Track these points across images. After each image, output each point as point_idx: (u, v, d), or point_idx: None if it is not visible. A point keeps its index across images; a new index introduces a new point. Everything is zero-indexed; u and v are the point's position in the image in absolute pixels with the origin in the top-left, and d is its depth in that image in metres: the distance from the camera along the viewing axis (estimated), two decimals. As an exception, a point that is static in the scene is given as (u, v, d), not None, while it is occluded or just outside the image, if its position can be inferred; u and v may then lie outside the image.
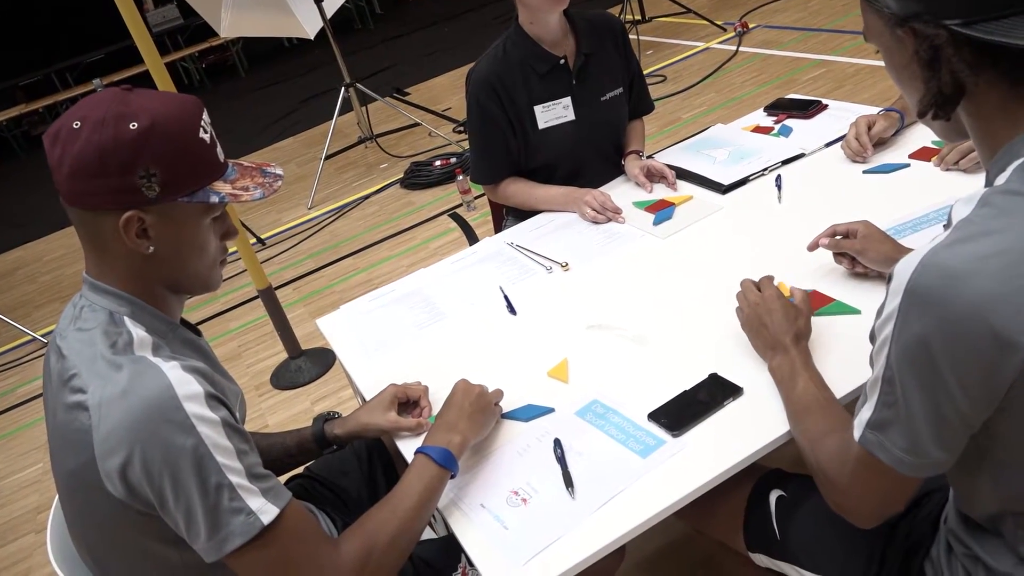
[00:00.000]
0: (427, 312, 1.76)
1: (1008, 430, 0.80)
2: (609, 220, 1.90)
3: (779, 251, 1.57)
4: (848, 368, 1.21)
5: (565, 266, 1.77)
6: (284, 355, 3.19)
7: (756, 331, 1.28)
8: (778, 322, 1.24)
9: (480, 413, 1.25)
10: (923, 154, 1.75)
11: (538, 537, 1.09)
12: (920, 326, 0.77)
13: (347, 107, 5.31)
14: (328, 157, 5.23)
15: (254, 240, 4.47)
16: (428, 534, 1.62)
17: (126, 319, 1.02)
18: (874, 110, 1.93)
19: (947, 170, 1.67)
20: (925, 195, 1.60)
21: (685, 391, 1.27)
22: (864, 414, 0.88)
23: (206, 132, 1.03)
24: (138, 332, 1.01)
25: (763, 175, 1.90)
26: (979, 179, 1.57)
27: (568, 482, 1.16)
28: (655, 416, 1.24)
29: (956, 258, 0.75)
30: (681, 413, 1.23)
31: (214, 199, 1.02)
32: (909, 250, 1.32)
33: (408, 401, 1.40)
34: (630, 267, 1.71)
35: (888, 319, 0.81)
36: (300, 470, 1.52)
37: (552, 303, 1.65)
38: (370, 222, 4.41)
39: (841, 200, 1.70)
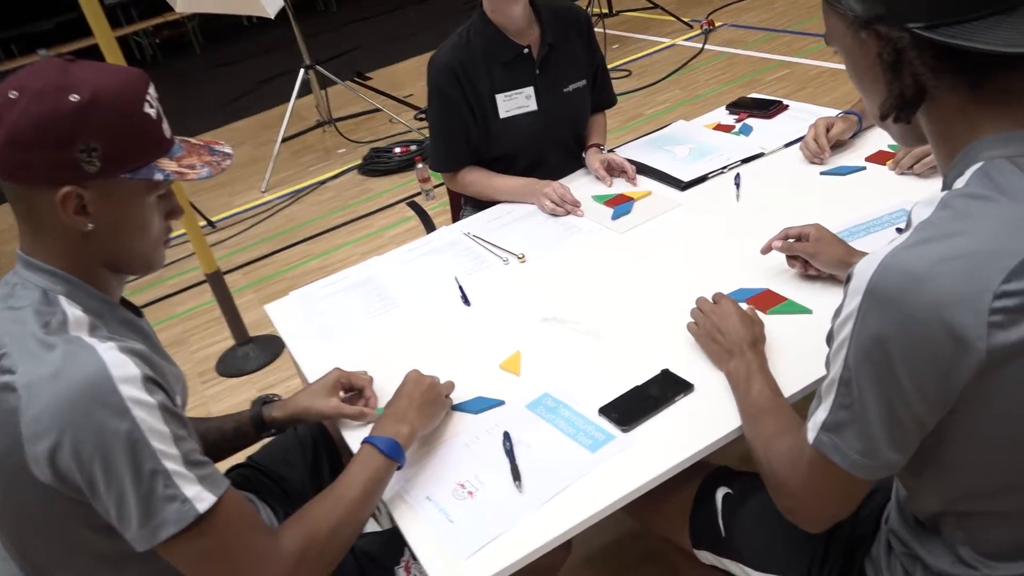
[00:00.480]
0: (380, 301, 1.73)
1: (957, 432, 0.80)
2: (568, 213, 1.89)
3: (735, 250, 1.57)
4: (799, 367, 1.21)
5: (522, 258, 1.76)
6: (231, 341, 3.13)
7: (713, 338, 1.28)
8: (735, 327, 1.24)
9: (430, 404, 1.23)
10: (879, 157, 1.77)
11: (484, 530, 1.08)
12: (879, 326, 0.77)
13: (306, 89, 5.22)
14: (285, 140, 5.14)
15: (204, 223, 4.37)
16: (372, 526, 1.59)
17: (61, 298, 0.97)
18: (834, 112, 1.95)
19: (902, 174, 1.69)
20: (879, 198, 1.62)
21: (637, 386, 1.27)
22: (819, 416, 0.88)
23: (152, 107, 0.99)
24: (74, 311, 0.96)
25: (723, 173, 1.91)
26: (933, 184, 1.59)
27: (516, 475, 1.14)
28: (606, 411, 1.23)
29: (917, 259, 0.75)
30: (632, 408, 1.23)
31: (158, 176, 0.98)
32: (860, 253, 1.34)
33: (352, 389, 1.37)
34: (587, 260, 1.70)
35: (847, 320, 0.81)
36: (242, 459, 1.49)
37: (507, 295, 1.64)
38: (326, 208, 4.34)
39: (798, 200, 1.71)
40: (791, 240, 1.43)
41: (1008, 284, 0.72)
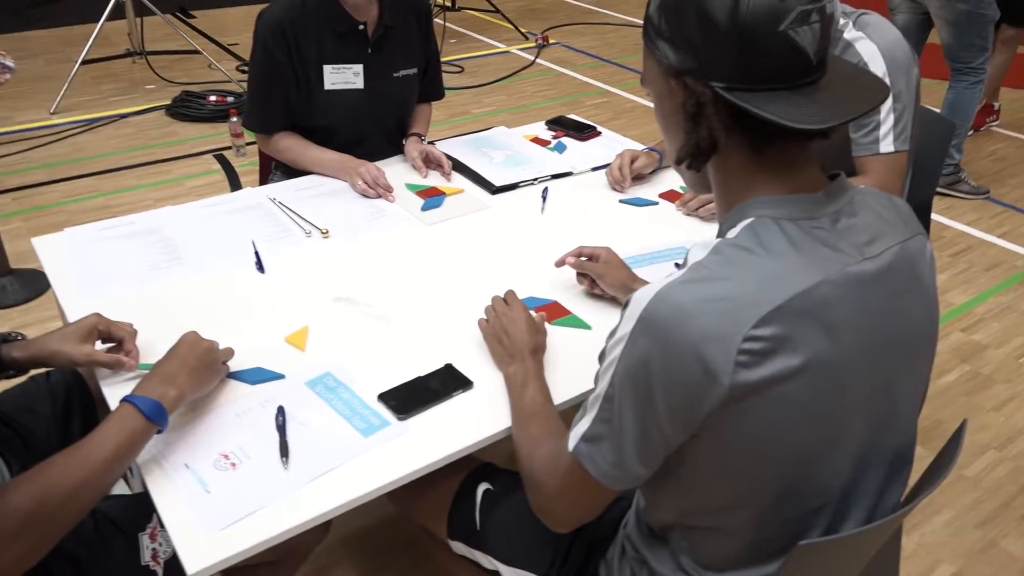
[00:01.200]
0: (165, 253, 1.64)
1: (695, 455, 0.89)
2: (379, 196, 1.89)
3: (532, 259, 1.65)
4: (572, 377, 1.29)
5: (325, 233, 1.73)
6: (-12, 270, 2.82)
7: (498, 339, 1.32)
8: (520, 332, 1.29)
9: (204, 369, 1.19)
10: (670, 196, 1.92)
11: (241, 504, 1.05)
12: (645, 350, 0.84)
13: (120, 14, 4.79)
14: (86, 62, 4.69)
15: (-24, 134, 3.89)
16: (121, 488, 1.51)
17: None
18: (640, 146, 2.09)
19: (688, 214, 1.84)
20: (665, 233, 1.76)
21: (419, 377, 1.29)
22: (581, 427, 0.95)
23: None
24: None
25: (532, 184, 1.98)
26: (711, 228, 1.75)
27: (284, 452, 1.13)
28: (385, 397, 1.25)
29: (687, 296, 0.83)
30: (410, 397, 1.25)
31: None
32: (641, 281, 1.45)
33: (111, 340, 1.29)
34: (389, 246, 1.70)
35: (620, 341, 0.88)
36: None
37: (304, 268, 1.61)
38: (123, 144, 4.02)
39: (595, 222, 1.81)
40: (583, 258, 1.52)
41: (756, 330, 0.81)
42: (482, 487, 1.30)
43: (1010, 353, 2.67)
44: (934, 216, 3.46)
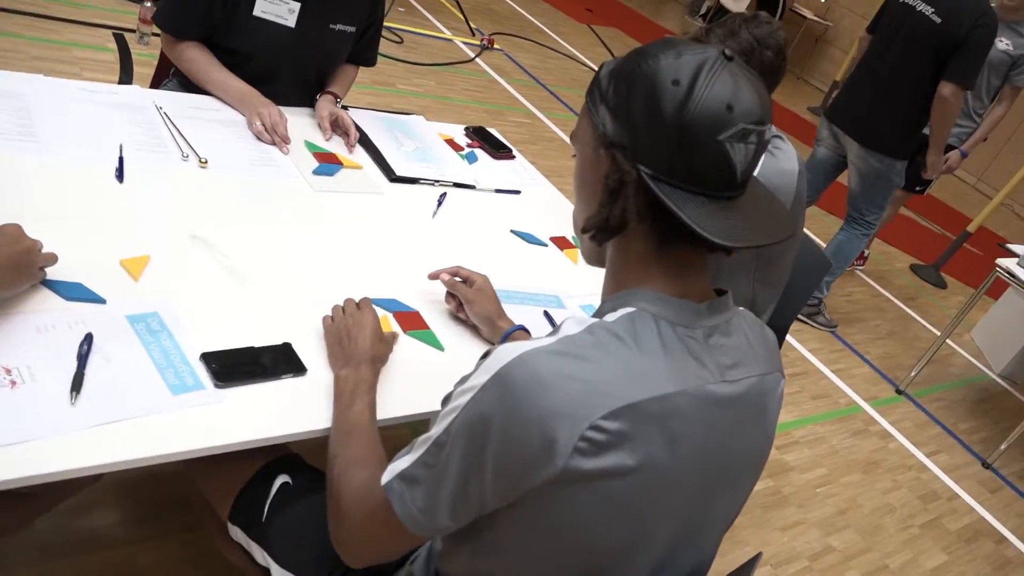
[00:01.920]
0: (20, 125, 1.47)
1: (505, 524, 0.87)
2: (273, 144, 1.78)
3: (408, 260, 1.59)
4: (407, 395, 1.24)
5: (204, 163, 1.61)
6: None
7: (339, 340, 1.24)
8: (364, 339, 1.22)
9: (15, 269, 1.06)
10: (560, 243, 1.91)
11: (7, 429, 0.94)
12: (492, 408, 0.81)
13: None
14: None
15: None
16: None
17: None
18: (544, 180, 2.07)
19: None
20: (545, 277, 1.74)
21: (252, 347, 1.21)
22: (401, 464, 0.90)
23: None
24: None
25: (432, 185, 1.92)
26: (590, 287, 1.75)
27: (77, 386, 1.02)
28: (208, 358, 1.15)
29: (548, 367, 0.81)
30: (236, 366, 1.16)
31: None
32: (508, 321, 1.42)
33: None
34: (267, 199, 1.60)
35: (469, 391, 0.84)
36: None
37: (168, 193, 1.48)
38: (15, -15, 3.65)
39: (482, 244, 1.78)
40: (458, 279, 1.47)
41: (604, 420, 0.80)
42: (280, 480, 1.23)
43: (811, 481, 2.84)
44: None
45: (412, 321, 1.43)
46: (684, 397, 0.84)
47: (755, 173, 0.90)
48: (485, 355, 0.85)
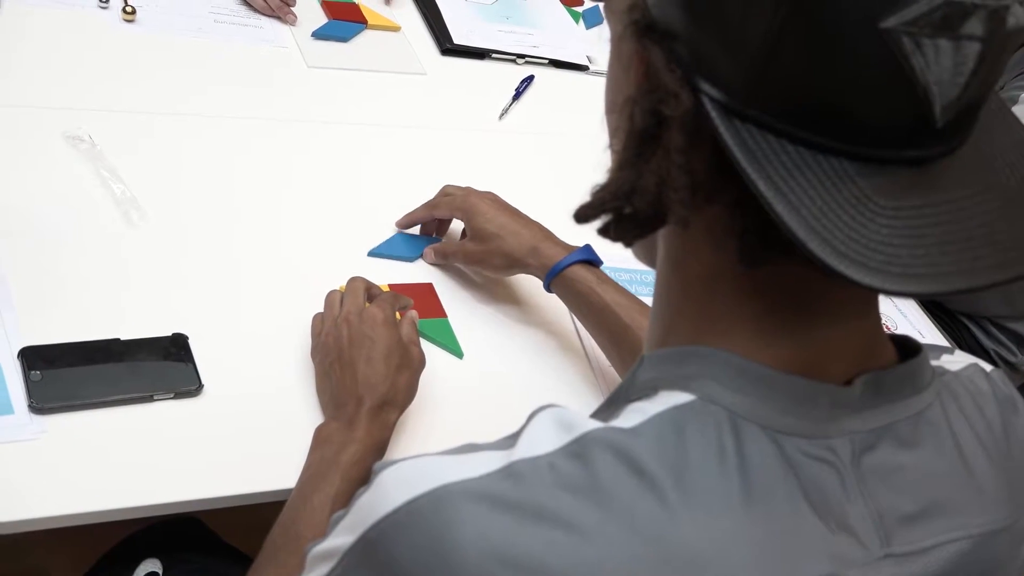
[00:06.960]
0: None
1: None
2: (275, 15, 1.21)
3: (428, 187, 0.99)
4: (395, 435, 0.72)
5: (130, 12, 1.08)
6: None
7: (330, 367, 0.76)
8: (374, 365, 0.74)
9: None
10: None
11: None
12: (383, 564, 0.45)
13: None
14: None
15: None
16: None
17: None
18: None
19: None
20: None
21: (117, 339, 0.72)
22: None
23: None
24: None
25: (513, 62, 1.31)
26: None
27: None
28: (30, 356, 0.68)
29: (483, 537, 0.39)
30: (75, 376, 0.69)
31: None
32: (553, 242, 0.86)
33: None
34: (221, 79, 1.07)
35: (327, 557, 0.47)
36: None
37: (53, 55, 1.00)
38: None
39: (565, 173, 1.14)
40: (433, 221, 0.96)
41: None
42: (148, 566, 0.81)
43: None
44: None
45: (424, 303, 0.89)
46: None
47: (991, 109, 0.40)
48: (360, 493, 0.44)
